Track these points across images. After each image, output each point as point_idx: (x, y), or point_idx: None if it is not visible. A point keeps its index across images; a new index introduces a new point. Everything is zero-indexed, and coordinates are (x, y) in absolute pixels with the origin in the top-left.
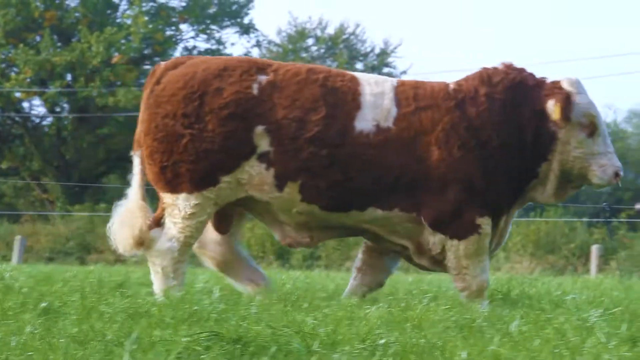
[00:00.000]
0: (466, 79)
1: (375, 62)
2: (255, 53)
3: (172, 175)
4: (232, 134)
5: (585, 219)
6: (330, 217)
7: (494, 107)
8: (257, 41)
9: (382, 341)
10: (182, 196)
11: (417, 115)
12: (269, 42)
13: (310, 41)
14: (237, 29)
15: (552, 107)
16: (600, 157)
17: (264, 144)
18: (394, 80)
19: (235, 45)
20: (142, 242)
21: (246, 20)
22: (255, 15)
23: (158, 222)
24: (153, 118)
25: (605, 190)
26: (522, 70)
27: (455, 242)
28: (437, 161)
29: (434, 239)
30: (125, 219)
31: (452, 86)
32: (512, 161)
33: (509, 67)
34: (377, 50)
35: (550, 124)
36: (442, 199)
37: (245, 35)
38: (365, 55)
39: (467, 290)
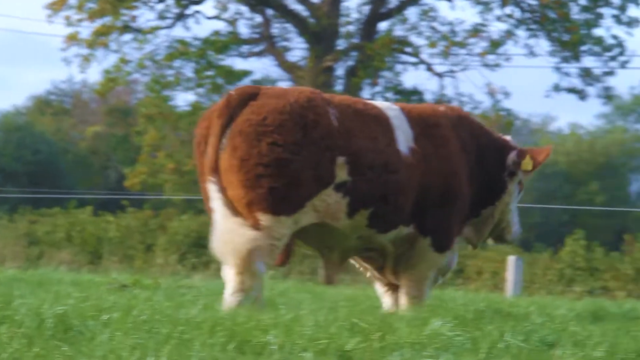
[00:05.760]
0: None
1: None
2: None
3: (277, 198)
4: (322, 164)
5: None
6: (378, 238)
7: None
8: None
9: None
10: (282, 218)
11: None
12: None
13: None
14: None
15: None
16: None
17: (342, 174)
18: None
19: None
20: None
21: None
22: None
23: None
24: (255, 145)
25: None
26: None
27: None
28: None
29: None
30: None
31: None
32: None
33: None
34: None
35: None
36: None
37: None
38: None
39: None
